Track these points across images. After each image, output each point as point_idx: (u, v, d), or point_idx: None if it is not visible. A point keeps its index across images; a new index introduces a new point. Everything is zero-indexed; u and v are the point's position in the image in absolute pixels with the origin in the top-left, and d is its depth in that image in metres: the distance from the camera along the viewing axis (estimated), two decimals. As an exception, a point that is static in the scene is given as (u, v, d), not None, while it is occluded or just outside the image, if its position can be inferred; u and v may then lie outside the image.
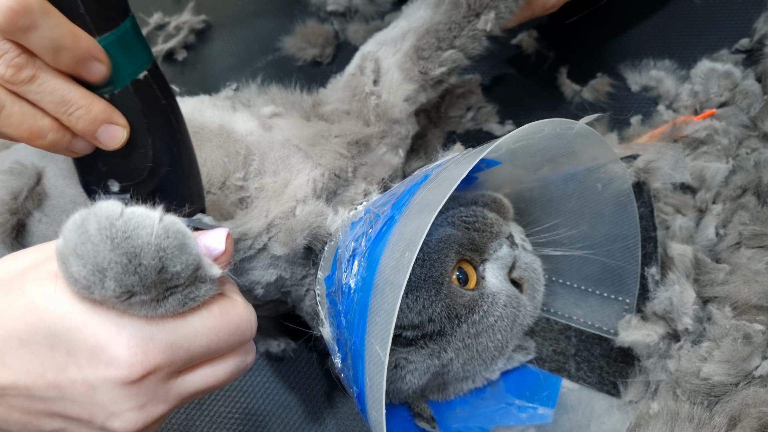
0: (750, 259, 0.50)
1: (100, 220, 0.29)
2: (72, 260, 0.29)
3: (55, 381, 0.31)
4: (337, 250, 0.46)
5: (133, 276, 0.29)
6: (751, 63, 0.64)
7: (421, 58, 0.54)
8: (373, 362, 0.36)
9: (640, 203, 0.51)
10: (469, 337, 0.45)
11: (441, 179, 0.39)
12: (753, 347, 0.45)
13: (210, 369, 0.34)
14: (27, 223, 0.49)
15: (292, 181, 0.49)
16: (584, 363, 0.52)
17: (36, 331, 0.30)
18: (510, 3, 0.54)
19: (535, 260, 0.51)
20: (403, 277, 0.34)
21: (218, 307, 0.33)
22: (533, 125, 0.40)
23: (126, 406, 0.31)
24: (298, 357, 0.59)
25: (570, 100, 0.68)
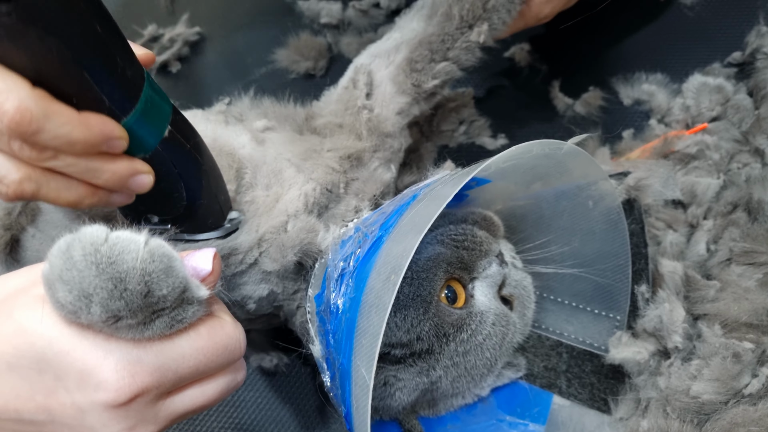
0: (740, 276, 0.50)
1: (84, 246, 0.29)
2: (58, 286, 0.29)
3: (45, 404, 0.31)
4: (326, 268, 0.46)
5: (119, 301, 0.29)
6: (743, 77, 0.64)
7: (414, 71, 0.53)
8: (359, 384, 0.36)
9: (630, 220, 0.51)
10: (457, 355, 0.45)
11: (428, 200, 0.39)
12: (742, 365, 0.45)
13: (199, 389, 0.34)
14: (21, 239, 0.49)
15: (284, 195, 0.49)
16: (575, 379, 0.52)
17: (24, 355, 0.30)
18: (503, 14, 0.54)
19: (526, 277, 0.51)
20: (389, 301, 0.34)
21: (206, 327, 0.34)
22: (522, 146, 0.40)
23: (115, 428, 0.31)
24: (291, 372, 0.59)
25: (562, 113, 0.68)
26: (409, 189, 0.47)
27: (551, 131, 0.68)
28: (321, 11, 0.79)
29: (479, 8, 0.53)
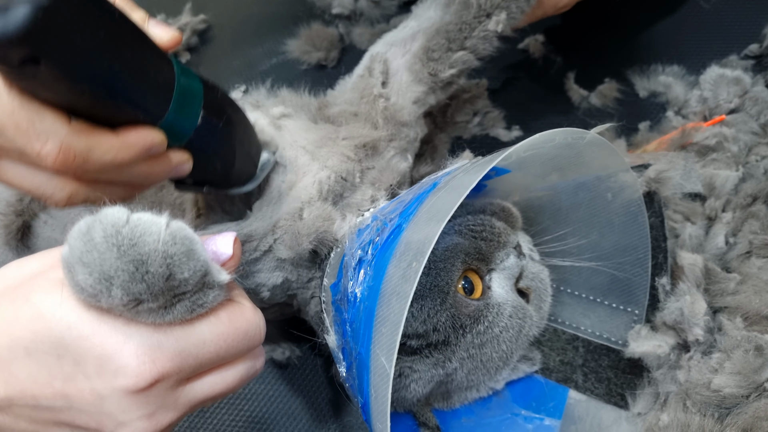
0: (761, 268, 0.50)
1: (105, 227, 0.29)
2: (78, 269, 0.28)
3: (63, 390, 0.30)
4: (343, 257, 0.45)
5: (141, 284, 0.28)
6: (761, 69, 0.63)
7: (431, 60, 0.53)
8: (378, 373, 0.35)
9: (650, 213, 0.50)
10: (473, 347, 0.44)
11: (449, 188, 0.39)
12: (765, 359, 0.45)
13: (219, 375, 0.34)
14: (32, 225, 0.49)
15: (298, 182, 0.49)
16: (592, 374, 0.51)
17: (42, 340, 0.30)
18: (521, 3, 0.53)
19: (543, 270, 0.50)
20: (410, 288, 0.33)
21: (226, 312, 0.33)
22: (544, 134, 0.39)
23: (135, 414, 0.31)
24: (303, 364, 0.59)
25: (578, 105, 0.68)
26: (428, 177, 0.47)
27: (566, 123, 0.67)
28: (333, 1, 0.79)
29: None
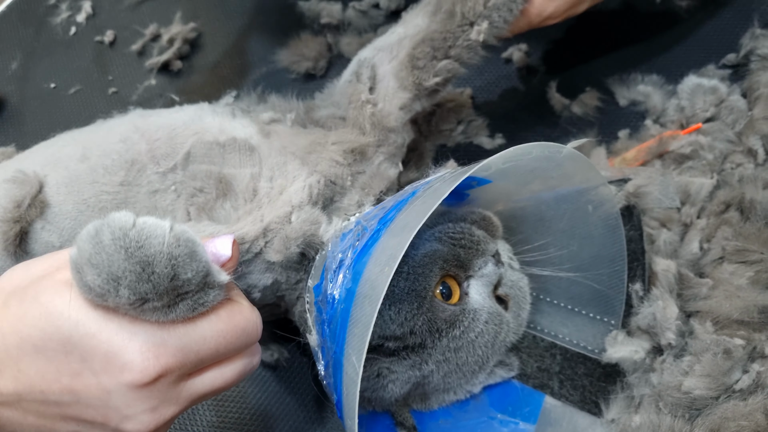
0: (732, 274, 0.51)
1: (113, 230, 0.30)
2: (87, 270, 0.30)
3: (70, 386, 0.32)
4: (326, 260, 0.47)
5: (147, 284, 0.30)
6: (737, 78, 0.65)
7: (416, 68, 0.54)
8: (349, 372, 0.37)
9: (629, 226, 0.51)
10: (449, 351, 0.45)
11: (424, 198, 0.40)
12: (733, 362, 0.46)
13: (219, 371, 0.35)
14: (29, 231, 0.50)
15: (288, 187, 0.50)
16: (567, 381, 0.53)
17: (51, 338, 0.31)
18: (504, 12, 0.54)
19: (522, 278, 0.51)
20: (381, 292, 0.35)
21: (225, 311, 0.35)
22: (521, 147, 0.41)
23: (139, 408, 0.32)
24: (290, 364, 0.60)
25: (559, 113, 0.69)
26: (410, 186, 0.48)
27: (548, 131, 0.69)
28: (321, 11, 0.80)
29: (480, 5, 0.53)
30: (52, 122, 0.83)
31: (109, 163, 0.50)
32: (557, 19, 0.58)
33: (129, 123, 0.53)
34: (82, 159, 0.51)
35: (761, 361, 0.47)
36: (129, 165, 0.50)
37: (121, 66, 0.86)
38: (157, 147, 0.51)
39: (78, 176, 0.50)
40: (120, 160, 0.51)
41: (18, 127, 0.84)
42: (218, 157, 0.51)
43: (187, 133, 0.52)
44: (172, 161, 0.51)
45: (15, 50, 0.91)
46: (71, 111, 0.83)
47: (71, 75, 0.87)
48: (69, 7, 0.93)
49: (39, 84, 0.87)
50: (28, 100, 0.86)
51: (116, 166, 0.50)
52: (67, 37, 0.91)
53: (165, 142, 0.52)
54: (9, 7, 0.97)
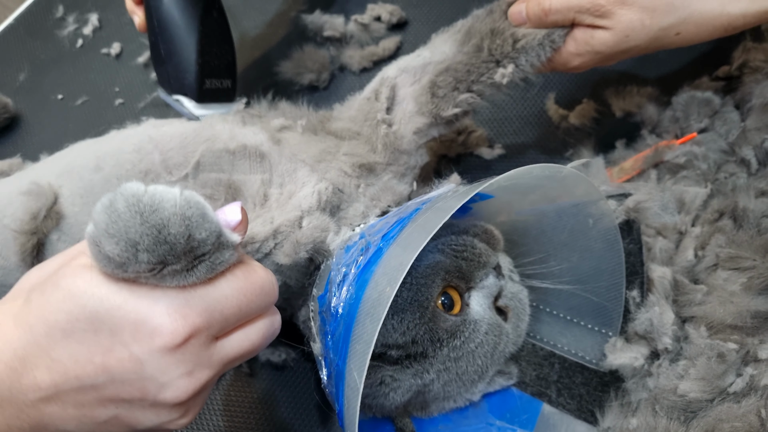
0: (726, 280, 0.52)
1: (127, 198, 0.31)
2: (104, 240, 0.30)
3: (103, 363, 0.32)
4: (330, 272, 0.48)
5: (164, 245, 0.31)
6: (730, 90, 0.66)
7: (436, 96, 0.53)
8: (350, 387, 0.38)
9: (629, 240, 0.53)
10: (449, 360, 0.46)
11: (427, 216, 0.41)
12: (727, 365, 0.47)
13: (244, 332, 0.36)
14: (46, 243, 0.51)
15: (297, 192, 0.51)
16: (565, 390, 0.54)
17: (78, 318, 0.32)
18: (532, 57, 0.54)
19: (522, 290, 0.52)
20: (382, 311, 0.36)
21: (240, 270, 0.35)
22: (522, 169, 0.42)
23: (175, 373, 0.33)
24: (296, 370, 0.61)
25: (557, 124, 0.71)
26: (413, 201, 0.49)
27: (546, 141, 0.70)
28: (324, 25, 0.82)
29: (509, 46, 0.53)
30: (59, 133, 0.84)
31: (123, 173, 0.51)
32: (582, 70, 0.58)
33: (143, 133, 0.54)
34: (96, 169, 0.52)
35: (754, 364, 0.48)
36: (143, 175, 0.51)
37: (127, 77, 0.87)
38: (170, 157, 0.52)
39: (92, 187, 0.51)
40: (134, 170, 0.51)
41: (26, 137, 0.85)
42: (227, 164, 0.52)
43: (198, 141, 0.53)
44: (184, 170, 0.52)
45: (23, 62, 0.93)
46: (78, 122, 0.85)
47: (78, 86, 0.88)
48: (76, 20, 0.95)
49: (46, 95, 0.88)
50: (36, 111, 0.88)
51: (130, 176, 0.51)
52: (74, 49, 0.92)
53: (177, 151, 0.52)
54: (17, 20, 0.99)
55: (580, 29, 0.53)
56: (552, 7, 0.52)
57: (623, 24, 0.51)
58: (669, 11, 0.51)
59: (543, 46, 0.53)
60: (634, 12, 0.51)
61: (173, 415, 0.35)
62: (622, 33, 0.52)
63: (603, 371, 0.52)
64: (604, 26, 0.52)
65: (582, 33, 0.53)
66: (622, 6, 0.50)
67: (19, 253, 0.49)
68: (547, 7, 0.52)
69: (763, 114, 0.61)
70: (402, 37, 0.81)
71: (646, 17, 0.51)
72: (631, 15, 0.51)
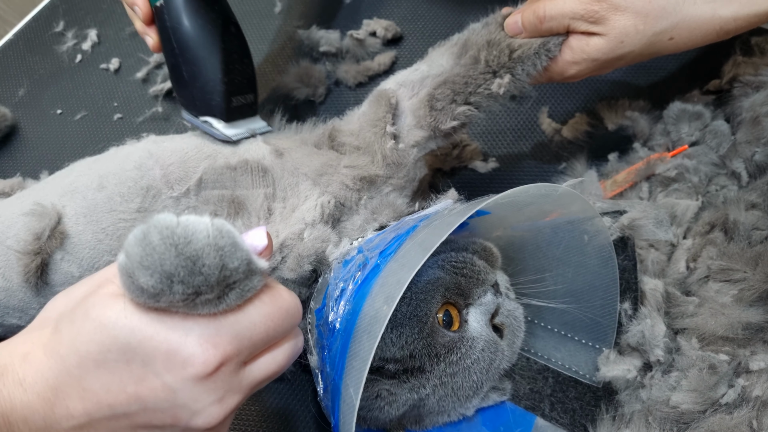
0: (717, 292, 0.53)
1: (161, 230, 0.31)
2: (138, 272, 0.30)
3: (136, 393, 0.32)
4: (328, 286, 0.49)
5: (199, 276, 0.31)
6: (721, 104, 0.67)
7: (434, 109, 0.54)
8: (346, 402, 0.38)
9: (623, 257, 0.53)
10: (446, 375, 0.47)
11: (424, 236, 0.42)
12: (719, 377, 0.48)
13: (270, 356, 0.36)
14: (50, 263, 0.51)
15: (300, 205, 0.52)
16: (558, 404, 0.54)
17: (110, 349, 0.32)
18: (528, 67, 0.54)
19: (518, 308, 0.53)
20: (380, 329, 0.36)
21: (267, 296, 0.35)
22: (520, 189, 0.43)
23: (207, 401, 0.33)
24: (295, 378, 0.61)
25: (550, 138, 0.72)
26: (411, 217, 0.50)
27: (540, 155, 0.71)
28: (320, 40, 0.82)
29: (505, 57, 0.53)
30: (58, 148, 0.85)
31: (125, 191, 0.52)
32: (578, 79, 0.58)
33: (143, 149, 0.55)
34: (99, 188, 0.52)
35: (746, 375, 0.49)
36: (144, 191, 0.52)
37: (126, 92, 0.88)
38: (171, 172, 0.53)
39: (96, 205, 0.51)
40: (136, 187, 0.52)
41: (24, 152, 0.86)
42: (230, 180, 0.53)
43: (200, 157, 0.53)
44: (185, 185, 0.52)
45: (22, 77, 0.94)
46: (77, 137, 0.85)
47: (77, 101, 0.89)
48: (75, 36, 0.95)
49: (45, 110, 0.89)
50: (35, 126, 0.88)
51: (132, 193, 0.52)
52: (73, 64, 0.93)
53: (178, 166, 0.53)
54: (16, 35, 0.99)
55: (576, 37, 0.54)
56: (547, 14, 0.53)
57: (617, 30, 0.52)
58: (662, 16, 0.51)
59: (539, 55, 0.54)
60: (627, 17, 0.51)
61: None
62: (616, 39, 0.52)
63: (596, 386, 0.53)
64: (599, 33, 0.53)
65: (577, 41, 0.54)
66: (616, 12, 0.51)
67: (23, 273, 0.50)
68: (542, 15, 0.53)
69: (753, 127, 0.62)
70: (397, 52, 0.82)
71: (640, 22, 0.51)
72: (624, 21, 0.51)
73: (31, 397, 0.32)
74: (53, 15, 0.99)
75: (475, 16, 0.58)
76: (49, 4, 1.00)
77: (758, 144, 0.60)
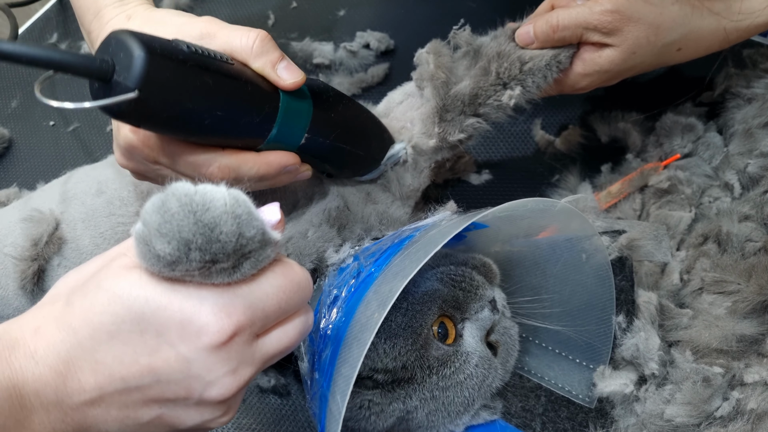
0: (711, 304, 0.53)
1: (180, 197, 0.30)
2: (156, 240, 0.30)
3: (149, 364, 0.32)
4: (321, 294, 0.48)
5: (216, 243, 0.30)
6: (713, 116, 0.67)
7: (443, 120, 0.53)
8: (332, 410, 0.38)
9: (621, 277, 0.53)
10: (437, 389, 0.46)
11: (420, 246, 0.42)
12: (713, 389, 0.47)
13: (282, 330, 0.36)
14: (47, 269, 0.51)
15: (311, 207, 0.51)
16: (550, 423, 0.53)
17: (123, 320, 0.31)
18: (538, 79, 0.53)
19: (513, 326, 0.52)
20: (369, 336, 0.36)
21: (280, 268, 0.35)
22: (516, 203, 0.42)
23: (221, 371, 0.33)
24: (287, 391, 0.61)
25: (544, 150, 0.72)
26: (408, 227, 0.49)
27: (533, 167, 0.71)
28: (314, 52, 0.83)
29: (516, 68, 0.53)
30: (51, 159, 0.85)
31: (125, 195, 0.52)
32: (588, 90, 0.58)
33: None
34: (98, 193, 0.52)
35: (740, 388, 0.48)
36: (144, 195, 0.52)
37: (119, 104, 0.88)
38: None
39: (94, 210, 0.51)
40: (135, 191, 0.52)
41: (18, 164, 0.86)
42: None
43: None
44: None
45: (15, 89, 0.94)
46: (70, 148, 0.85)
47: (70, 113, 0.89)
48: (68, 47, 0.95)
49: (38, 122, 0.89)
50: (28, 137, 0.88)
51: (132, 197, 0.51)
52: (67, 75, 0.93)
53: None
54: (9, 48, 0.99)
55: (587, 49, 0.54)
56: (560, 24, 0.52)
57: (630, 41, 0.52)
58: (672, 28, 0.52)
59: (550, 67, 0.53)
60: (640, 29, 0.51)
61: (216, 413, 0.35)
62: (629, 50, 0.52)
63: (588, 407, 0.52)
64: (611, 44, 0.53)
65: (589, 53, 0.54)
66: (629, 23, 0.51)
67: (19, 280, 0.49)
68: (555, 24, 0.52)
69: (745, 139, 0.62)
70: (390, 64, 0.82)
71: (652, 33, 0.52)
72: (637, 32, 0.51)
73: (43, 369, 0.32)
74: (47, 27, 0.99)
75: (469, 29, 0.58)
76: (43, 16, 1.01)
77: (751, 156, 0.61)
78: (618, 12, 0.51)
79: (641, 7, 0.51)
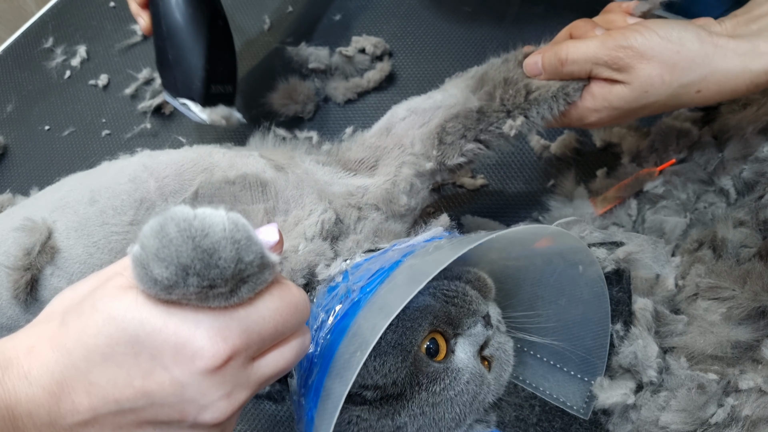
0: (706, 310, 0.53)
1: (178, 222, 0.30)
2: (153, 264, 0.30)
3: (143, 387, 0.32)
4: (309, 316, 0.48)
5: (215, 269, 0.30)
6: (708, 121, 0.67)
7: (443, 143, 0.53)
8: None
9: (618, 288, 0.52)
10: (427, 405, 0.45)
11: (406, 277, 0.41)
12: (708, 396, 0.47)
13: (278, 352, 0.36)
14: (40, 278, 0.51)
15: (304, 219, 0.51)
16: None
17: (118, 342, 0.31)
18: (544, 110, 0.52)
19: (508, 341, 0.52)
20: (352, 375, 0.36)
21: (277, 290, 0.35)
22: (508, 232, 0.42)
23: (215, 395, 0.32)
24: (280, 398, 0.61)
25: (539, 155, 0.72)
26: (399, 244, 0.49)
27: (528, 172, 0.71)
28: (309, 56, 0.83)
29: (521, 97, 0.52)
30: (46, 164, 0.84)
31: (118, 204, 0.51)
32: (599, 126, 0.55)
33: (137, 163, 0.54)
34: (91, 202, 0.51)
35: (735, 395, 0.48)
36: (138, 204, 0.51)
37: (114, 109, 0.88)
38: (166, 184, 0.52)
39: (87, 219, 0.51)
40: (129, 200, 0.51)
41: (12, 168, 0.85)
42: (228, 196, 0.52)
43: (196, 170, 0.53)
44: (180, 198, 0.51)
45: (10, 93, 0.93)
46: (65, 153, 0.85)
47: (65, 117, 0.89)
48: (64, 52, 0.95)
49: (33, 126, 0.89)
50: (23, 142, 0.88)
51: (125, 206, 0.51)
52: (62, 80, 0.93)
53: (174, 178, 0.52)
54: (5, 51, 0.99)
55: (598, 84, 0.52)
56: (569, 58, 0.51)
57: (642, 79, 0.49)
58: (690, 68, 0.49)
59: (556, 98, 0.52)
60: (653, 67, 0.49)
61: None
62: (640, 88, 0.50)
63: (582, 418, 0.52)
64: (623, 81, 0.50)
65: (599, 88, 0.52)
66: (641, 60, 0.49)
67: (12, 289, 0.49)
68: (564, 57, 0.51)
69: (740, 144, 0.62)
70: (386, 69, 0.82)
71: (666, 73, 0.49)
72: (650, 70, 0.49)
73: (36, 390, 0.32)
74: (43, 31, 0.99)
75: (465, 34, 0.58)
76: (39, 20, 1.01)
77: (746, 161, 0.60)
78: (631, 48, 0.49)
79: (657, 44, 0.49)
